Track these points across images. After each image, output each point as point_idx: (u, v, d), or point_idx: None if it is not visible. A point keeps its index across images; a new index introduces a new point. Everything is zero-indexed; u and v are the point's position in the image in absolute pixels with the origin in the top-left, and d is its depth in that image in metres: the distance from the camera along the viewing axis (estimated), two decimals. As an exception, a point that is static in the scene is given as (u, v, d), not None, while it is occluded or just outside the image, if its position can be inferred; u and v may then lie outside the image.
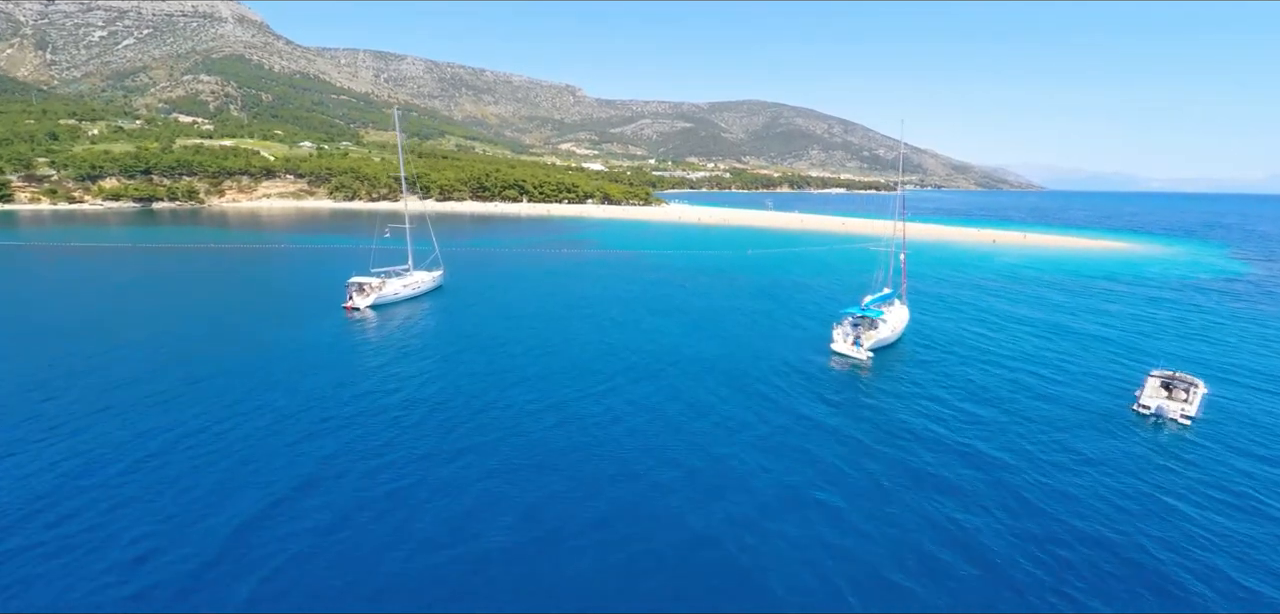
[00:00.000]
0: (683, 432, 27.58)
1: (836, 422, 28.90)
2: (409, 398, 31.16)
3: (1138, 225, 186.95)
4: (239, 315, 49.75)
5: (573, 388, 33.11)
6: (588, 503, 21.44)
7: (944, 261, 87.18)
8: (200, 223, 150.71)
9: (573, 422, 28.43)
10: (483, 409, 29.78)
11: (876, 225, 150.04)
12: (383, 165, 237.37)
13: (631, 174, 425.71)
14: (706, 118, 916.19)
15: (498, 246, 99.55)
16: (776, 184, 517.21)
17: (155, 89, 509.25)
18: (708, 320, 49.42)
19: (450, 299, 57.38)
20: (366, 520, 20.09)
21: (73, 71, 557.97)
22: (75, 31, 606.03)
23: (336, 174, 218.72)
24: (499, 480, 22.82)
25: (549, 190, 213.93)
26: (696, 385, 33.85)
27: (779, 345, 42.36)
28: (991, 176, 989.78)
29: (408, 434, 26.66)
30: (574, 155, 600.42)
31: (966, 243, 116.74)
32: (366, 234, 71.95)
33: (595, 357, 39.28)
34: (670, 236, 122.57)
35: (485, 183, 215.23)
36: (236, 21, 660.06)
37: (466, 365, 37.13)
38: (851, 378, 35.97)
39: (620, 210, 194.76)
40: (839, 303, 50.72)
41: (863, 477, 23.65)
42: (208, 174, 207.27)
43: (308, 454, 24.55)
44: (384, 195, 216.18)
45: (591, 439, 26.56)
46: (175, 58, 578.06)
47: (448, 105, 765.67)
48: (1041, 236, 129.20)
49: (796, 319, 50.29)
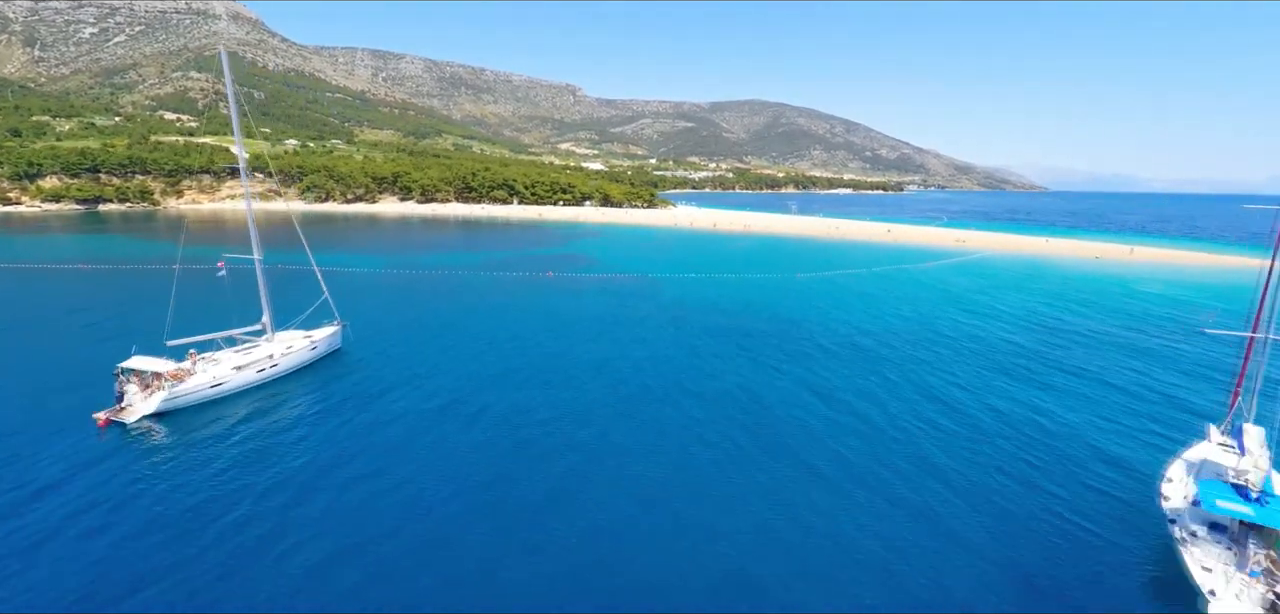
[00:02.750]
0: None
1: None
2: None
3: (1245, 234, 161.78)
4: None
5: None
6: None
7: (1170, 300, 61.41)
8: (127, 229, 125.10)
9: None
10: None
11: (929, 234, 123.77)
12: (363, 164, 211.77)
13: (633, 173, 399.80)
14: (707, 117, 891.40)
15: (462, 266, 74.03)
16: (781, 184, 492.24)
17: (144, 86, 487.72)
18: (838, 473, 23.86)
19: (338, 381, 32.22)
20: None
21: (62, 68, 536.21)
22: (65, 28, 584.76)
23: (308, 173, 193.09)
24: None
25: (542, 191, 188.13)
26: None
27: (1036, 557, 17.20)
28: (993, 177, 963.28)
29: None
30: (574, 155, 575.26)
31: (1104, 261, 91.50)
32: (283, 248, 46.62)
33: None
34: (685, 249, 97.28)
35: (472, 183, 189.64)
36: (231, 19, 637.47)
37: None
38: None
39: (621, 214, 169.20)
40: (1087, 423, 25.73)
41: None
42: (163, 173, 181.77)
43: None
44: (360, 197, 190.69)
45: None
46: (167, 55, 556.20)
47: (446, 105, 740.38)
48: (1187, 253, 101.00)
49: (1037, 471, 24.57)
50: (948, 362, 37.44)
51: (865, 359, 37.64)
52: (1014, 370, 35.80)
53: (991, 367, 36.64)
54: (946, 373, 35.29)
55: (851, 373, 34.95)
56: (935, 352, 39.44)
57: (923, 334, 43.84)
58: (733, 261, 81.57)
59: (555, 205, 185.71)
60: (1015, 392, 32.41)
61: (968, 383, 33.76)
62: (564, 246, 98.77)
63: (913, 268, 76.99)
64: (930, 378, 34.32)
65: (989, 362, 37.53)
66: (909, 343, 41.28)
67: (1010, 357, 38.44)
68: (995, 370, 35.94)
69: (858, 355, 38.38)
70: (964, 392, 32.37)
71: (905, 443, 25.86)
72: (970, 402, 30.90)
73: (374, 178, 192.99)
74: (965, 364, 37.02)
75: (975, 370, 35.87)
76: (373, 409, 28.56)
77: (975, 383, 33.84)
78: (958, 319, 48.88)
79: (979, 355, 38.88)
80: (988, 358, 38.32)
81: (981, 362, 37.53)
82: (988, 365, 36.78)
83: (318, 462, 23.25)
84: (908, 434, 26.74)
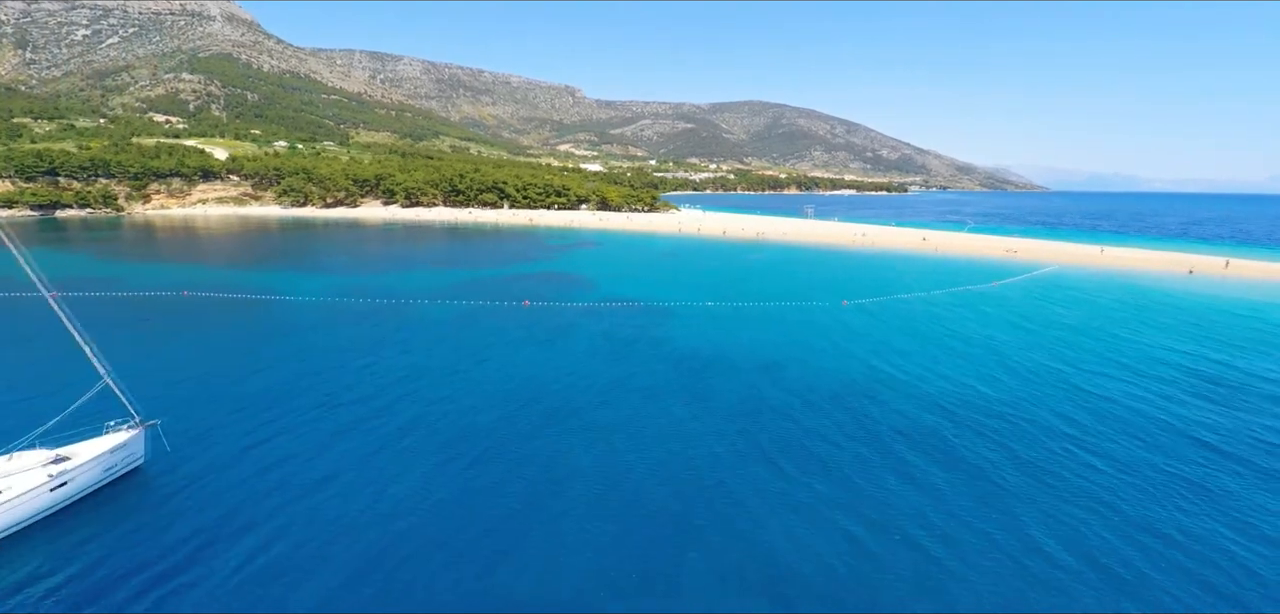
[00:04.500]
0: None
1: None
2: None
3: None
4: None
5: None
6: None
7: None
8: (52, 241, 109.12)
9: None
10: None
11: (972, 242, 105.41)
12: (345, 166, 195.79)
13: (632, 175, 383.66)
14: (707, 118, 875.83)
15: (418, 292, 58.07)
16: (784, 185, 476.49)
17: (135, 88, 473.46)
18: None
19: (91, 544, 16.39)
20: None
21: (53, 70, 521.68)
22: (58, 30, 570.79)
23: (286, 175, 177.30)
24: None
25: (534, 195, 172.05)
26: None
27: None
28: (994, 177, 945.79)
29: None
30: (573, 156, 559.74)
31: (1216, 280, 75.63)
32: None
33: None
34: (695, 263, 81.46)
35: (459, 186, 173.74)
36: (225, 20, 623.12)
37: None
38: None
39: (620, 219, 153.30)
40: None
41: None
42: (129, 176, 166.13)
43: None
44: (340, 200, 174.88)
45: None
46: (160, 57, 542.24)
47: (445, 106, 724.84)
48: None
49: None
50: (1192, 495, 21.76)
51: (1051, 490, 21.97)
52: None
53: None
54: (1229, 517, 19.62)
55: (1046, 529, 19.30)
56: (1171, 468, 23.81)
57: (1104, 421, 28.17)
58: (757, 281, 65.72)
59: (549, 210, 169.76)
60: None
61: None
62: (552, 261, 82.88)
63: (980, 289, 61.26)
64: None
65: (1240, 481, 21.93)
66: (1113, 444, 25.60)
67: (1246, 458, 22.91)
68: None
69: (1035, 482, 22.73)
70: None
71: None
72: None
73: (355, 181, 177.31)
74: (1202, 505, 21.36)
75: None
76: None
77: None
78: (1115, 381, 33.14)
79: (1225, 470, 23.23)
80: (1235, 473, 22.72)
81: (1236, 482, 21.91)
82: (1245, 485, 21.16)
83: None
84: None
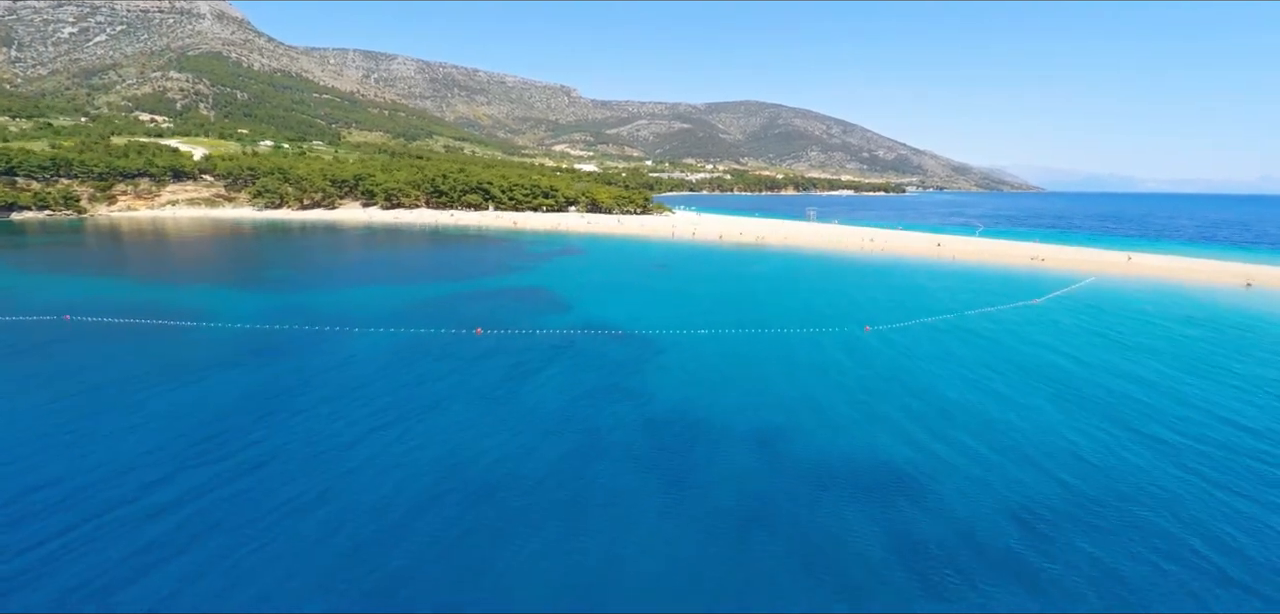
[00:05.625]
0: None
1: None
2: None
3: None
4: None
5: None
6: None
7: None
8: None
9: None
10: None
11: (993, 249, 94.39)
12: (325, 165, 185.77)
13: (627, 175, 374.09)
14: (704, 119, 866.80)
15: (352, 318, 48.44)
16: (781, 186, 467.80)
17: (122, 87, 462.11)
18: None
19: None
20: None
21: (40, 69, 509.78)
22: (44, 28, 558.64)
23: (260, 175, 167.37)
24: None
25: (520, 196, 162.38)
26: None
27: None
28: (990, 177, 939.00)
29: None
30: (568, 156, 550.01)
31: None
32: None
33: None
34: (689, 275, 72.20)
35: (442, 187, 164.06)
36: (215, 18, 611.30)
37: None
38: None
39: (610, 223, 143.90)
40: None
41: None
42: (92, 177, 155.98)
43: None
44: (318, 202, 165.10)
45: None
46: (148, 55, 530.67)
47: (439, 106, 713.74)
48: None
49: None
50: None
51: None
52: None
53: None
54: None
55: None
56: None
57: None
58: (758, 298, 56.38)
59: (536, 211, 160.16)
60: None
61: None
62: (527, 272, 73.43)
63: (1020, 306, 52.17)
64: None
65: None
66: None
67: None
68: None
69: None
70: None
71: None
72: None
73: (333, 181, 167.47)
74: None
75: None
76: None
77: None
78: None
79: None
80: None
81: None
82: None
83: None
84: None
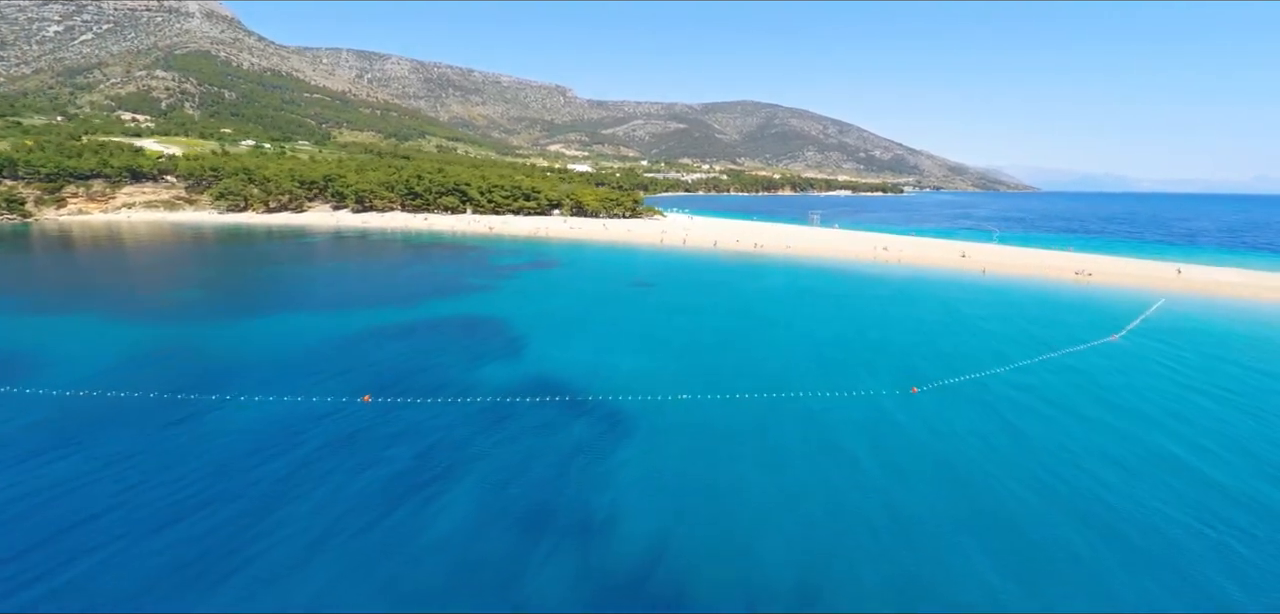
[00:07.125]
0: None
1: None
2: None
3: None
4: None
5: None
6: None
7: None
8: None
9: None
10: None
11: (1025, 261, 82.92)
12: (296, 166, 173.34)
13: (621, 175, 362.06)
14: (700, 118, 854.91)
15: (233, 363, 36.29)
16: (778, 186, 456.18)
17: (106, 86, 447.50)
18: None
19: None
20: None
21: (23, 68, 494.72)
22: (28, 27, 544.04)
23: (224, 176, 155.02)
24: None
25: (500, 198, 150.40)
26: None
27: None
28: (986, 177, 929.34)
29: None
30: (563, 156, 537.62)
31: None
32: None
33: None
34: (678, 302, 60.24)
35: (417, 188, 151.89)
36: (204, 17, 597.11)
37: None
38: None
39: (596, 228, 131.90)
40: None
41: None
42: (39, 178, 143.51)
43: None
44: (284, 205, 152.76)
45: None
46: (135, 54, 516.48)
47: (433, 106, 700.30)
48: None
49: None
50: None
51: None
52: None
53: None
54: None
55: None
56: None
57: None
58: (758, 338, 44.20)
59: (517, 215, 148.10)
60: None
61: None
62: (483, 294, 61.29)
63: (1101, 346, 40.48)
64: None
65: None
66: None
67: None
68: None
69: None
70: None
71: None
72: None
73: (301, 182, 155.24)
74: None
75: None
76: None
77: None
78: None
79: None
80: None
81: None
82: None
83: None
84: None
